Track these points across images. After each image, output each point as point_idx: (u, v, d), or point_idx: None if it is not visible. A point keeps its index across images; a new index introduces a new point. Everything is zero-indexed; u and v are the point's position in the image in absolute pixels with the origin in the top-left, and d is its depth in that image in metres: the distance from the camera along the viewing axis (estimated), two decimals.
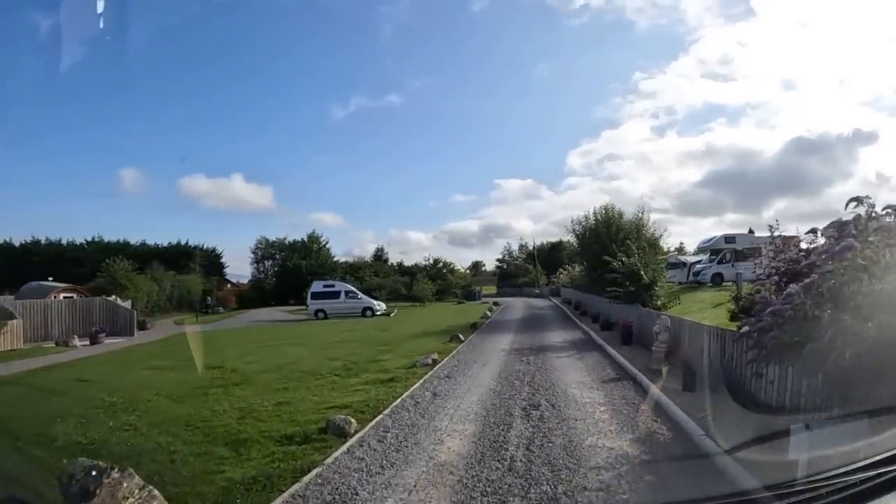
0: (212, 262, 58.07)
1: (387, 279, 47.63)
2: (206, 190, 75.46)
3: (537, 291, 51.89)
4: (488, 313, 26.24)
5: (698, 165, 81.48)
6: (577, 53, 76.98)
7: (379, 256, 67.41)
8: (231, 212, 75.46)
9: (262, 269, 61.95)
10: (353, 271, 57.49)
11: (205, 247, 58.96)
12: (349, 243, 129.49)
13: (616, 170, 79.94)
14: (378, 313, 32.19)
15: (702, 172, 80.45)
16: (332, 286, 33.86)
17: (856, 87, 73.01)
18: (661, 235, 19.95)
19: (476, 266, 79.52)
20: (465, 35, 74.92)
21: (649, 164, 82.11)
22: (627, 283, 14.31)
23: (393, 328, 21.96)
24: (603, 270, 19.05)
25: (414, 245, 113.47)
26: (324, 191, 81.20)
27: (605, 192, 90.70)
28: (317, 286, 33.90)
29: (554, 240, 66.99)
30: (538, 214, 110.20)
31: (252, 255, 60.71)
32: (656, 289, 14.52)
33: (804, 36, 66.51)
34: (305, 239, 58.94)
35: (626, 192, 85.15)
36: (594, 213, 22.15)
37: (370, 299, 33.53)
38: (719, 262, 25.51)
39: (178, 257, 51.68)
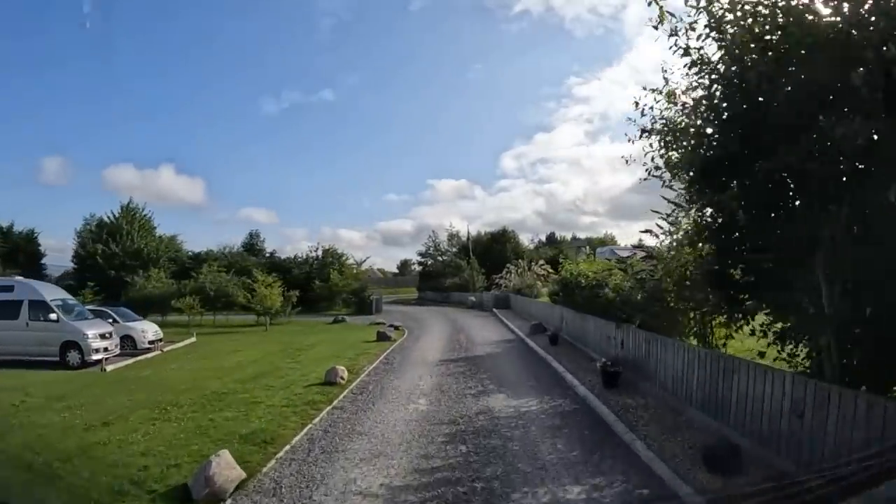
0: (19, 249, 39.26)
1: (219, 279, 28.11)
2: (134, 181, 68.72)
3: (472, 299, 34.34)
4: (303, 419, 7.44)
5: (631, 171, 78.83)
6: (513, 57, 77.55)
7: (252, 246, 47.45)
8: (160, 206, 72.32)
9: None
10: (197, 264, 37.77)
11: (15, 229, 40.18)
12: (280, 240, 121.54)
13: (548, 173, 79.05)
14: (94, 357, 13.44)
15: (634, 178, 74.12)
16: (10, 289, 14.56)
17: None
18: None
19: (405, 265, 71.48)
20: (402, 34, 73.18)
21: (581, 169, 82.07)
22: None
23: None
24: None
25: (346, 244, 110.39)
26: (257, 186, 78.09)
27: (538, 194, 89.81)
28: None
29: (494, 230, 50.46)
30: (471, 215, 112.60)
31: (76, 240, 39.50)
32: None
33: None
34: (116, 214, 38.09)
35: (559, 196, 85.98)
36: None
37: (78, 324, 14.12)
38: None
39: None
